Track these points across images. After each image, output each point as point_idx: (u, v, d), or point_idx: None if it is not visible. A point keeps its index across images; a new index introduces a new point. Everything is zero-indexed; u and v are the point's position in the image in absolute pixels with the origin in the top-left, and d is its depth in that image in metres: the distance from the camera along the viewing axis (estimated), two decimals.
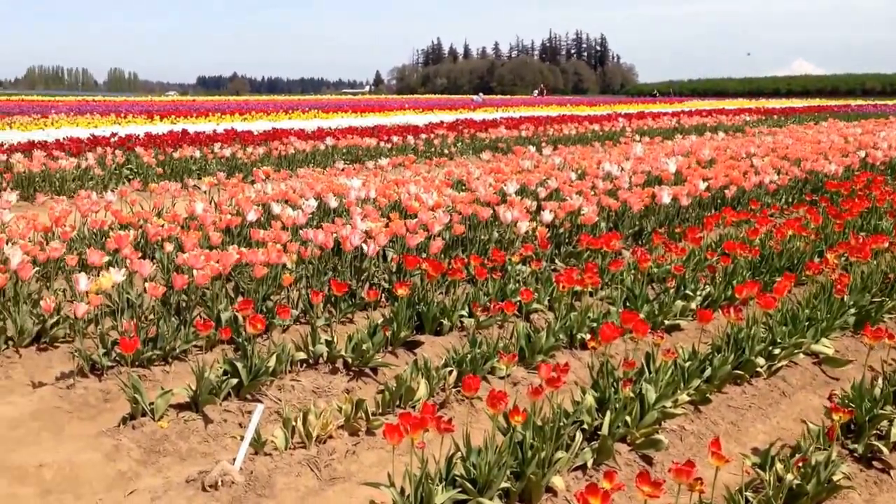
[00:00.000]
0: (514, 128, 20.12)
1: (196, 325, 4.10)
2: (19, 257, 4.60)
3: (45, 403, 3.85)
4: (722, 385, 4.33)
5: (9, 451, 3.45)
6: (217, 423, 3.67)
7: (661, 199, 7.60)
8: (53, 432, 3.66)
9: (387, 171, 10.41)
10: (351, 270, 5.57)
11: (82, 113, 26.30)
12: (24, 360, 4.34)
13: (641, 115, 27.55)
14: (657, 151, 12.52)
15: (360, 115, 27.81)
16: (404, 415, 2.74)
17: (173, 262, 5.29)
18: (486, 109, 33.97)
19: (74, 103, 38.68)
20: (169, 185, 7.63)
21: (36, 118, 22.06)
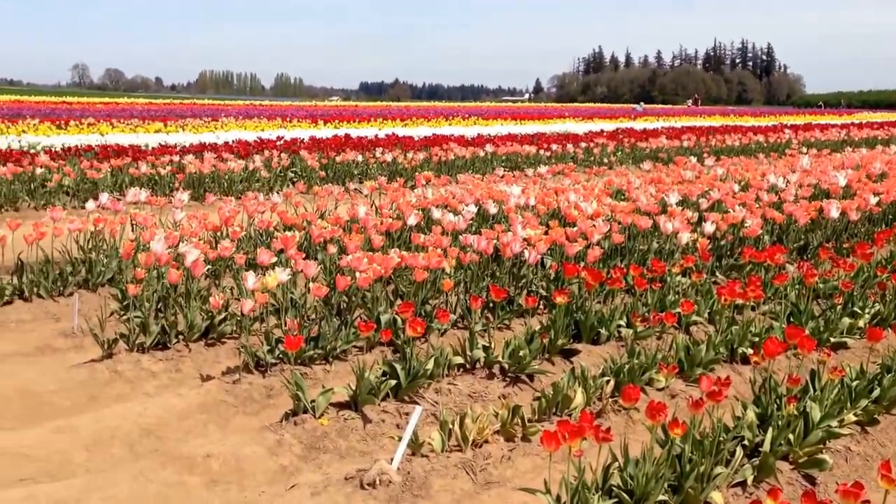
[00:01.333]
0: (675, 138, 19.66)
1: (357, 326, 4.15)
2: (194, 255, 4.78)
3: (211, 397, 3.98)
4: (891, 406, 4.08)
5: (178, 442, 3.57)
6: (375, 423, 3.69)
7: (829, 213, 7.23)
8: (219, 425, 3.78)
9: (546, 178, 10.33)
10: (509, 277, 5.53)
11: (250, 117, 27.46)
12: (193, 354, 4.52)
13: (808, 127, 26.43)
14: (825, 164, 11.93)
15: (520, 122, 27.85)
16: (562, 422, 2.69)
17: (335, 264, 5.38)
18: (646, 119, 33.42)
19: (243, 107, 40.49)
20: (332, 188, 7.81)
21: (207, 121, 23.16)
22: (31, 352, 4.57)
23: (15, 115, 23.46)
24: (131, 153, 12.23)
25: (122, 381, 4.21)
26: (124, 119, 22.88)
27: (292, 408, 3.71)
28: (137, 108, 34.22)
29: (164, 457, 3.38)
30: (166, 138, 15.82)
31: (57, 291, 5.46)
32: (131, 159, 11.56)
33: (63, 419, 3.74)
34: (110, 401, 4.02)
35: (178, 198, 6.60)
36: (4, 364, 4.38)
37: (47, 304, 5.33)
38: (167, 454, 3.40)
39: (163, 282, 4.85)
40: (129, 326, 4.56)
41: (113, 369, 4.28)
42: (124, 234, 6.02)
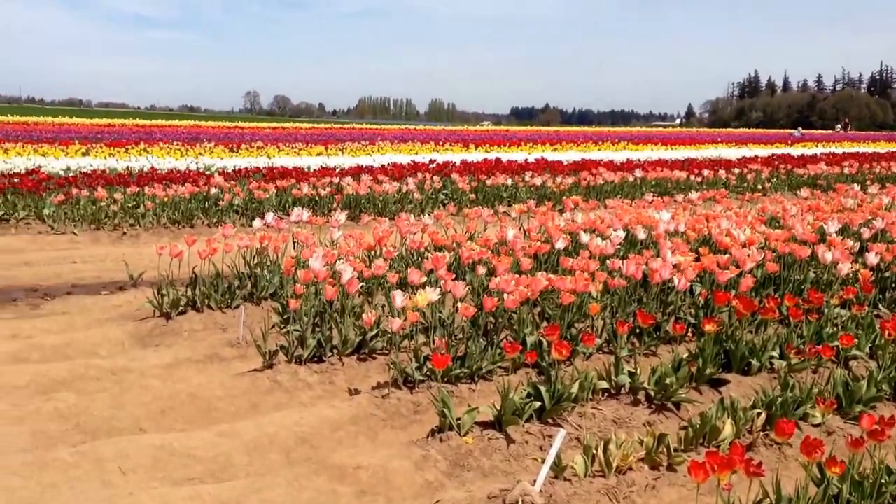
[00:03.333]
0: (835, 164, 18.89)
1: (503, 347, 4.24)
2: (349, 273, 5.01)
3: (361, 410, 4.14)
4: None
5: (330, 451, 3.75)
6: (518, 444, 3.76)
7: None
8: (369, 437, 3.94)
9: (697, 204, 10.16)
10: (656, 303, 5.50)
11: (404, 141, 28.13)
12: (346, 367, 4.72)
13: None
14: None
15: (670, 147, 27.43)
16: (711, 453, 2.66)
17: (483, 285, 5.50)
18: (804, 144, 32.20)
19: (398, 132, 41.51)
20: (481, 211, 7.94)
21: (364, 145, 23.89)
22: (201, 359, 4.89)
23: (193, 138, 24.95)
24: (295, 175, 12.83)
25: (280, 391, 4.45)
26: (289, 143, 23.91)
27: (438, 424, 3.82)
28: (301, 133, 35.63)
29: (317, 465, 3.55)
30: (327, 161, 16.50)
31: (225, 304, 5.81)
32: (295, 180, 12.12)
33: (227, 424, 3.99)
34: (269, 409, 4.27)
35: (336, 217, 6.88)
36: (178, 370, 4.71)
37: (216, 315, 5.68)
38: (320, 463, 3.58)
39: (320, 298, 5.11)
40: (289, 339, 4.82)
41: (273, 379, 4.53)
42: (286, 251, 6.34)
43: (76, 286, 6.75)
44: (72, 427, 3.95)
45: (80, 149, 17.68)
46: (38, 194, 10.64)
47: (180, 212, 10.27)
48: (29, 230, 9.54)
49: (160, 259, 5.64)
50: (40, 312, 5.97)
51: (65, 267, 7.56)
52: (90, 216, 9.85)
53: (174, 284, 5.75)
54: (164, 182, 11.52)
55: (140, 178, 11.97)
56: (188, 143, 21.95)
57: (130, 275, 6.61)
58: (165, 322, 5.52)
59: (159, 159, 15.41)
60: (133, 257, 7.34)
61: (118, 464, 3.47)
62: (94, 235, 9.38)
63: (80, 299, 6.32)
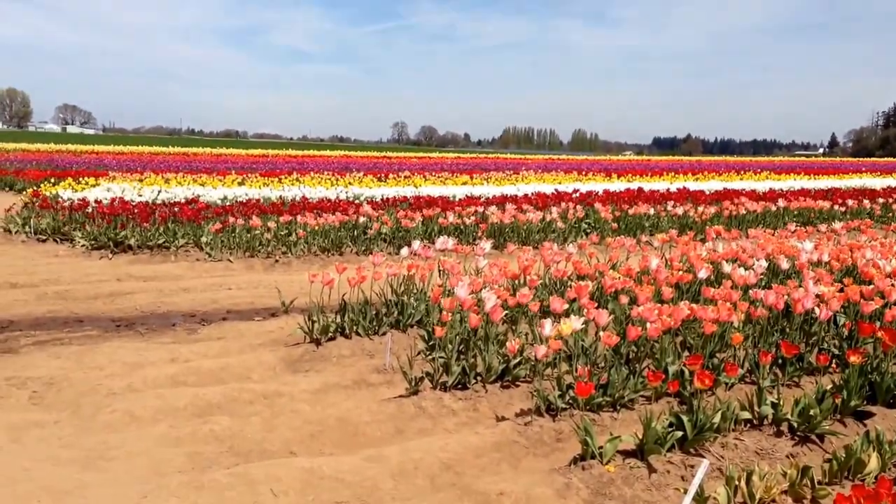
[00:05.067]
0: None
1: (646, 376, 4.24)
2: (493, 301, 5.11)
3: (504, 437, 4.20)
4: None
5: (474, 478, 3.83)
6: (660, 474, 3.75)
7: None
8: (511, 464, 4.00)
9: (840, 234, 9.80)
10: (800, 333, 5.37)
11: (548, 170, 28.20)
12: (489, 395, 4.80)
13: None
14: None
15: (813, 177, 26.45)
16: (858, 487, 2.63)
17: (626, 314, 5.50)
18: None
19: (541, 161, 41.64)
20: (624, 240, 7.92)
21: (508, 174, 24.09)
22: (349, 384, 5.06)
23: (343, 168, 25.81)
24: (441, 204, 13.07)
25: (425, 417, 4.57)
26: (435, 172, 24.37)
27: (580, 452, 3.86)
28: (447, 162, 36.26)
29: (461, 491, 3.62)
30: (472, 190, 16.72)
31: (372, 330, 6.00)
32: (440, 209, 12.35)
33: (374, 449, 4.11)
34: (414, 434, 4.38)
35: (480, 246, 7.01)
36: (327, 395, 4.90)
37: (364, 341, 5.86)
38: (464, 488, 3.65)
39: (465, 325, 5.23)
40: (434, 366, 4.95)
41: (418, 405, 4.65)
42: (432, 279, 6.49)
43: (231, 312, 7.08)
44: (226, 449, 4.13)
45: (236, 179, 18.51)
46: (196, 223, 11.23)
47: (330, 240, 10.64)
48: (188, 257, 10.03)
49: (311, 286, 5.87)
50: (197, 337, 6.28)
51: (220, 293, 7.90)
52: (245, 244, 10.32)
53: (324, 311, 5.98)
54: (315, 211, 11.98)
55: (292, 207, 12.47)
56: (338, 172, 22.74)
57: (282, 301, 6.91)
58: (315, 348, 5.74)
59: (311, 189, 15.98)
60: (285, 284, 7.65)
61: (270, 486, 3.62)
62: (248, 263, 9.79)
63: (234, 325, 6.61)
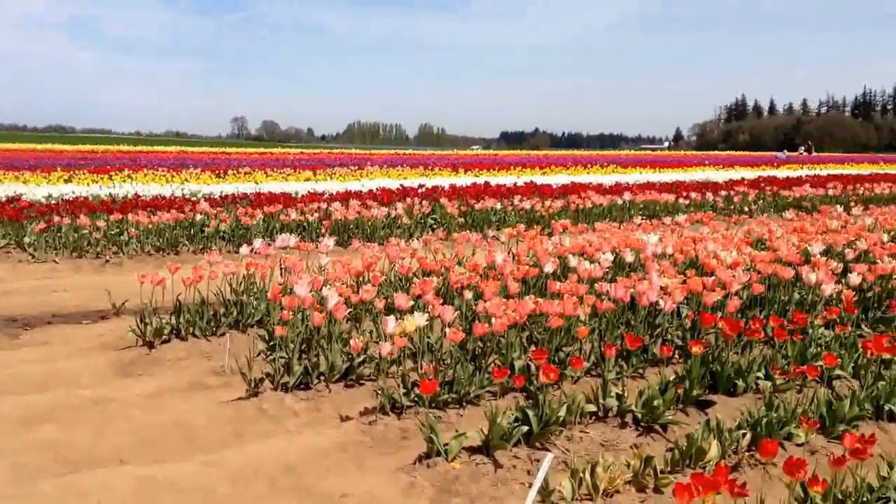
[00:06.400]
0: (819, 186, 19.01)
1: (492, 372, 4.20)
2: (335, 299, 4.97)
3: (349, 437, 4.09)
4: None
5: (317, 479, 3.70)
6: (506, 469, 3.72)
7: None
8: (356, 465, 3.88)
9: (684, 227, 10.17)
10: (644, 325, 5.48)
11: (393, 165, 28.20)
12: (333, 394, 4.67)
13: None
14: None
15: (658, 170, 27.57)
16: (696, 475, 2.65)
17: (472, 309, 5.47)
18: (789, 167, 32.44)
19: (387, 157, 41.58)
20: (470, 235, 7.93)
21: (353, 170, 23.92)
22: (185, 388, 4.83)
23: (179, 164, 24.92)
24: (283, 200, 12.79)
25: (266, 419, 4.40)
26: (277, 168, 23.92)
27: (425, 450, 3.79)
28: (290, 158, 35.69)
29: (303, 494, 3.51)
30: (315, 186, 16.50)
31: (210, 332, 5.76)
32: (282, 206, 12.08)
33: (212, 453, 3.92)
34: (255, 437, 4.21)
35: (324, 243, 6.85)
36: (162, 399, 4.64)
37: (201, 343, 5.62)
38: (306, 491, 3.54)
39: (307, 324, 5.06)
40: (275, 366, 4.77)
41: (258, 407, 4.48)
42: (273, 277, 6.30)
43: (57, 316, 6.67)
44: (53, 459, 3.87)
45: (62, 175, 17.59)
46: (18, 222, 10.54)
47: (165, 239, 10.19)
48: (9, 259, 9.42)
49: (143, 287, 5.60)
50: (20, 343, 5.88)
51: (46, 296, 7.46)
52: (72, 244, 9.76)
53: (158, 313, 5.70)
54: (149, 209, 11.47)
55: (124, 205, 11.88)
56: (174, 169, 21.92)
57: (113, 303, 6.54)
58: (148, 351, 5.47)
59: (144, 186, 15.37)
60: (116, 286, 7.26)
61: (100, 496, 3.41)
62: (75, 264, 9.27)
63: (60, 329, 6.24)
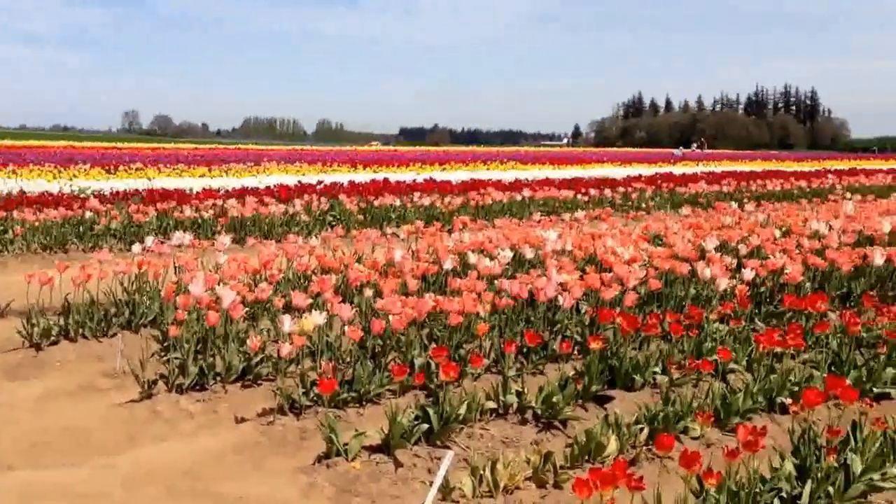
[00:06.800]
0: (715, 183, 19.59)
1: (391, 370, 4.19)
2: (231, 297, 4.88)
3: (246, 438, 4.04)
4: None
5: (214, 482, 3.63)
6: (407, 468, 3.72)
7: (873, 260, 7.15)
8: (254, 466, 3.83)
9: (583, 223, 10.35)
10: (544, 322, 5.55)
11: (291, 161, 27.80)
12: (230, 395, 4.59)
13: (853, 172, 26.18)
14: (870, 210, 11.81)
15: (558, 167, 27.94)
16: (594, 470, 2.69)
17: (371, 307, 5.45)
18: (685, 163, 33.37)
19: (285, 152, 41.00)
20: (369, 232, 7.89)
21: (250, 166, 23.49)
22: (76, 390, 4.67)
23: (67, 160, 23.96)
24: (176, 197, 12.48)
25: (160, 422, 4.29)
26: (171, 164, 23.31)
27: (325, 450, 3.76)
28: (183, 154, 34.78)
29: (199, 497, 3.44)
30: (210, 183, 16.14)
31: (101, 332, 5.58)
32: (176, 203, 11.80)
33: (104, 457, 3.82)
34: (149, 440, 4.10)
35: (220, 241, 6.72)
36: (50, 402, 4.49)
37: (91, 344, 5.44)
38: (202, 494, 3.47)
39: (202, 324, 4.96)
40: (169, 367, 4.66)
41: (152, 409, 4.38)
42: (167, 276, 6.14)
43: None
44: None
45: None
46: None
47: (53, 237, 9.81)
48: None
49: (30, 287, 5.39)
50: None
51: None
52: None
53: (46, 314, 5.49)
54: (35, 206, 11.02)
55: (8, 202, 11.34)
56: (61, 164, 21.09)
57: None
58: (36, 353, 5.26)
59: (29, 182, 14.76)
60: (0, 286, 6.97)
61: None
62: None
63: None
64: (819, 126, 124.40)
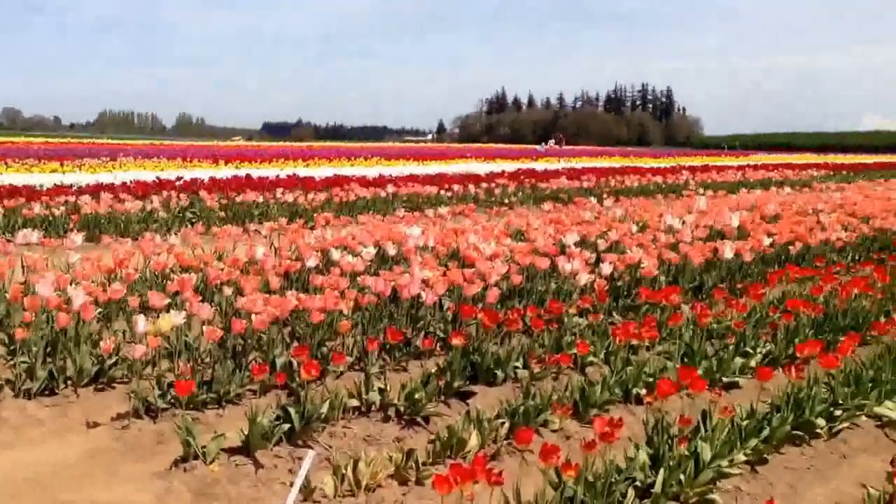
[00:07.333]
0: (575, 178, 20.08)
1: (251, 370, 4.12)
2: (82, 298, 4.69)
3: (100, 443, 3.89)
4: (780, 445, 4.19)
5: (64, 490, 3.48)
6: (268, 469, 3.66)
7: (724, 254, 7.49)
8: (108, 472, 3.69)
9: (447, 219, 10.43)
10: (407, 319, 5.57)
11: (149, 157, 27.02)
12: (82, 400, 4.41)
13: (706, 168, 27.33)
14: (721, 205, 12.38)
15: (423, 162, 28.13)
16: (454, 466, 2.71)
17: (232, 306, 5.34)
18: (547, 159, 34.09)
19: (142, 147, 39.74)
20: (231, 230, 7.75)
21: (105, 161, 22.70)
22: None
23: None
24: (25, 193, 11.92)
25: (6, 429, 4.07)
26: (20, 158, 22.24)
27: (182, 454, 3.66)
28: (34, 148, 33.24)
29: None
30: (62, 178, 15.49)
31: None
32: (25, 199, 11.27)
33: None
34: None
35: (71, 239, 6.46)
36: None
37: None
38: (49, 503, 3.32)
39: (52, 326, 4.74)
40: (16, 372, 4.44)
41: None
42: (13, 277, 5.85)
43: None
44: None
45: None
46: None
47: None
48: None
49: None
50: None
51: None
52: None
53: None
54: None
55: None
56: None
57: None
58: None
59: None
60: None
61: None
62: None
63: None
64: (674, 124, 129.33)
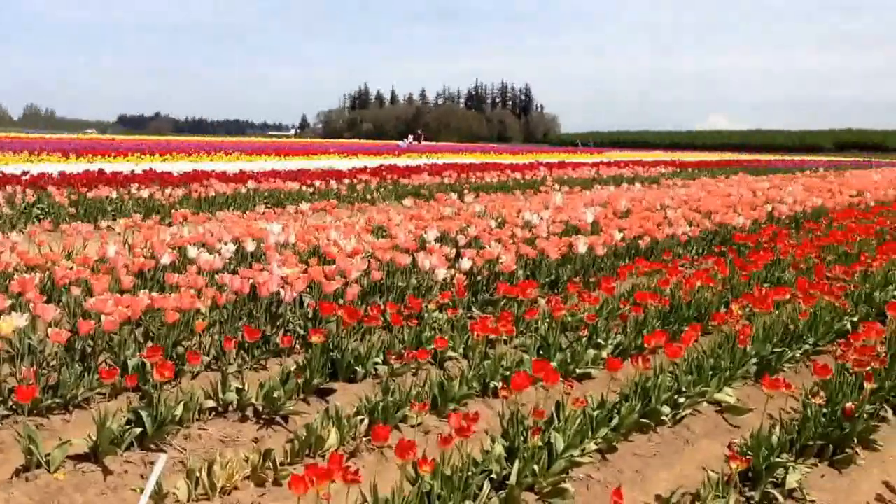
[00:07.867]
0: (437, 174, 20.23)
1: (100, 373, 3.99)
2: None
3: None
4: (629, 433, 4.37)
5: None
6: (117, 475, 3.56)
7: (578, 249, 7.71)
8: None
9: (308, 215, 10.34)
10: (266, 316, 5.50)
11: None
12: None
13: (562, 165, 28.05)
14: (576, 201, 12.71)
15: (285, 158, 27.82)
16: (311, 466, 2.70)
17: (80, 307, 5.14)
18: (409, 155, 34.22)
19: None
20: (81, 227, 7.44)
21: None
22: None
23: None
24: None
25: None
26: None
27: (24, 463, 3.51)
28: None
29: None
30: None
31: None
32: None
33: None
34: None
35: None
36: None
37: None
38: None
39: None
40: None
41: None
42: None
43: None
44: None
45: None
46: None
47: None
48: None
49: None
50: None
51: None
52: None
53: None
54: None
55: None
56: None
57: None
58: None
59: None
60: None
61: None
62: None
63: None
64: (533, 120, 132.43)
